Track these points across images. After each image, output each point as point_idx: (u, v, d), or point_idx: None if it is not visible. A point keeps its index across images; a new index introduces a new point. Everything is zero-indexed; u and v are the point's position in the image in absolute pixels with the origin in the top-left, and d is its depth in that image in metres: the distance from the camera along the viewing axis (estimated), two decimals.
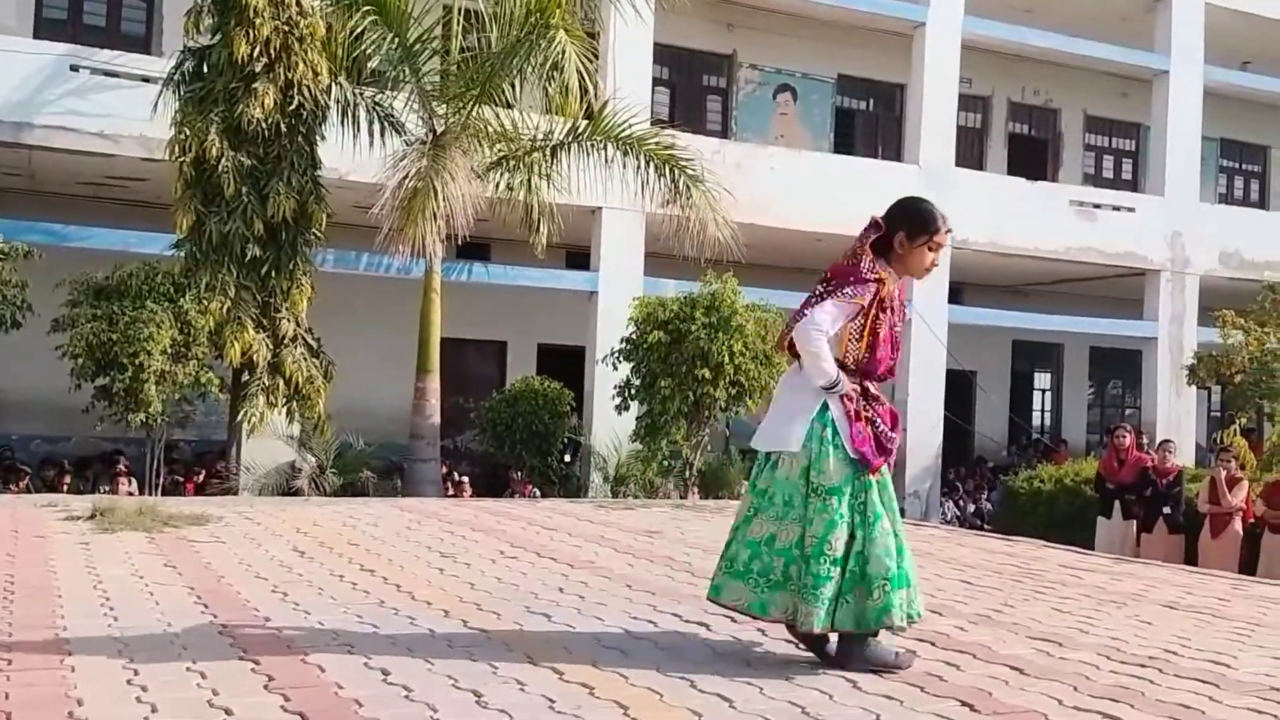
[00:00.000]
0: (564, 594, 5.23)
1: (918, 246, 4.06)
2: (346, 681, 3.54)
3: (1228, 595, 6.13)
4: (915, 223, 4.07)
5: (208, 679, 3.53)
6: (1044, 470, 14.10)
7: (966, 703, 3.55)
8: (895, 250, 4.05)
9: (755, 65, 20.21)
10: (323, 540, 6.85)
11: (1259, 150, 24.68)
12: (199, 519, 7.47)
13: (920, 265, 4.10)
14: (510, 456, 14.24)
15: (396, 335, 14.96)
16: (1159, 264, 19.96)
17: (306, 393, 11.66)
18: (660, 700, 3.47)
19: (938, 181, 18.26)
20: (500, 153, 13.02)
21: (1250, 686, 3.93)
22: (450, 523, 8.00)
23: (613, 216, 15.84)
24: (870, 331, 3.97)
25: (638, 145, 12.88)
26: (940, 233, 4.08)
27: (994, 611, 5.22)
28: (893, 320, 4.04)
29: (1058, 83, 21.88)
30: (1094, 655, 4.32)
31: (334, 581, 5.40)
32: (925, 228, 4.06)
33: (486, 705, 3.35)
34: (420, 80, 12.62)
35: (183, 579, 5.34)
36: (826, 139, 20.64)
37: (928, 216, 4.10)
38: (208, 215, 11.15)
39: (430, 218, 11.34)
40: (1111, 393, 25.15)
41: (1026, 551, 7.75)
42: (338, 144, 12.30)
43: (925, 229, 4.06)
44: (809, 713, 3.39)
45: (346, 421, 13.21)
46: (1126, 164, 23.61)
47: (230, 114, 11.02)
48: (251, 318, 11.38)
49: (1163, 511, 11.10)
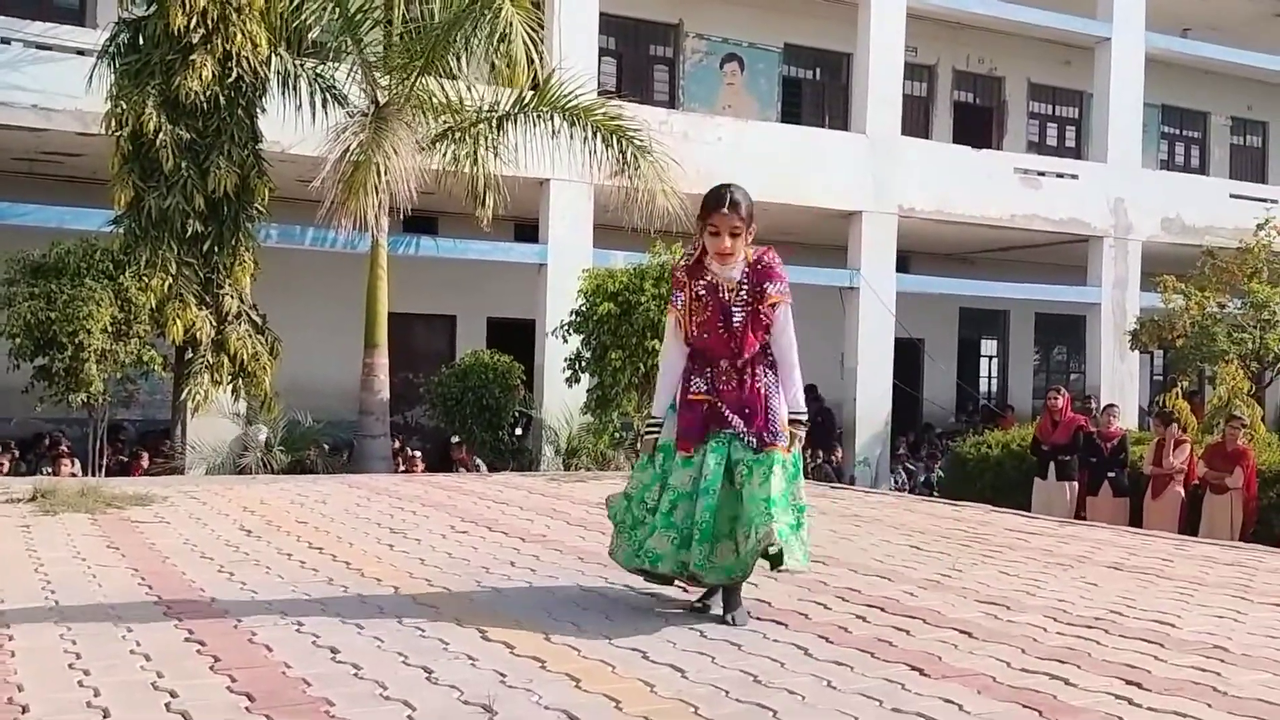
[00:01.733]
0: (515, 568, 5.21)
1: (702, 232, 4.18)
2: (294, 660, 3.50)
3: (1171, 556, 6.24)
4: (701, 208, 4.18)
5: (152, 661, 3.47)
6: (991, 436, 14.25)
7: (916, 667, 3.58)
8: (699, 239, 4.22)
9: (702, 35, 20.14)
10: (270, 519, 6.77)
11: (1199, 116, 25.01)
12: (143, 499, 7.36)
13: (710, 248, 4.16)
14: (460, 431, 14.16)
15: (344, 310, 14.82)
16: (1102, 230, 20.21)
17: (252, 370, 11.52)
18: (612, 672, 3.46)
19: (884, 150, 18.38)
20: (445, 124, 12.87)
21: (1194, 645, 4.00)
22: (400, 498, 7.95)
23: (560, 188, 15.75)
24: (686, 330, 4.24)
25: (585, 116, 12.79)
26: (714, 214, 4.10)
27: (942, 576, 5.27)
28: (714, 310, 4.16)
29: (1002, 51, 22.02)
30: (1041, 617, 4.38)
31: (282, 560, 5.34)
32: (702, 212, 4.16)
33: (437, 681, 3.33)
34: (362, 51, 12.43)
35: (126, 560, 5.26)
36: (774, 108, 20.64)
37: (705, 201, 4.17)
38: (146, 190, 10.94)
39: (373, 191, 11.21)
40: (1056, 358, 25.49)
41: (974, 516, 7.83)
42: (279, 117, 12.10)
43: (702, 213, 4.17)
44: (761, 680, 3.40)
45: (294, 398, 13.07)
46: (1070, 131, 23.85)
47: (168, 86, 10.81)
48: (194, 294, 11.21)
49: (1108, 475, 11.26)
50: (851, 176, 18.08)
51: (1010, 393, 24.09)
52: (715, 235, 4.11)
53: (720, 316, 4.16)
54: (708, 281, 4.18)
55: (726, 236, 4.09)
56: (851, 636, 3.98)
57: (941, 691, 3.32)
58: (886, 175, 18.34)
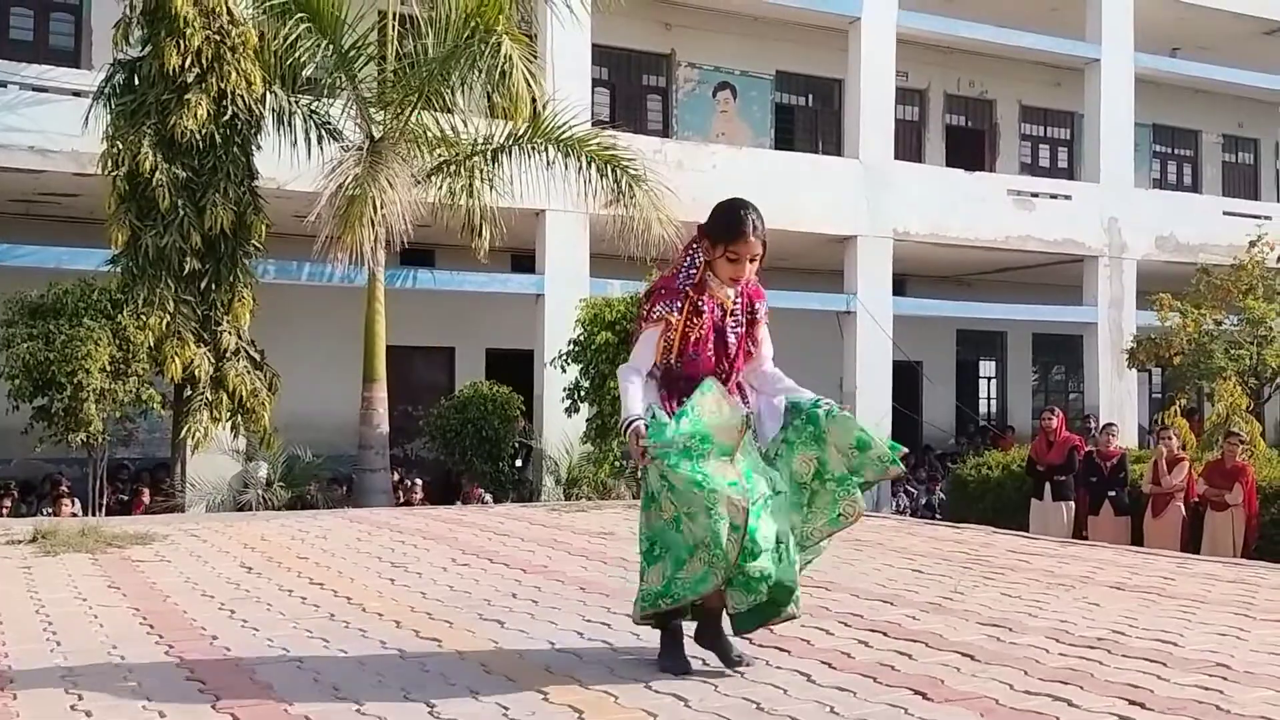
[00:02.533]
0: (517, 600, 5.20)
1: (717, 256, 3.86)
2: (296, 697, 3.49)
3: (1172, 574, 6.23)
4: (717, 229, 3.87)
5: (154, 701, 3.46)
6: (991, 457, 14.24)
7: (919, 691, 3.57)
8: (706, 257, 3.90)
9: (694, 64, 20.27)
10: (271, 555, 6.76)
11: (1190, 135, 25.13)
12: (143, 538, 7.35)
13: (723, 273, 3.88)
14: (461, 463, 14.15)
15: (342, 345, 14.83)
16: (1097, 250, 20.26)
17: (251, 406, 11.52)
18: (615, 703, 3.46)
19: (878, 174, 18.46)
20: (440, 158, 12.94)
21: (1196, 663, 3.99)
22: (401, 532, 7.94)
23: (556, 218, 15.80)
24: (679, 343, 3.87)
25: (579, 146, 12.86)
26: (741, 242, 3.81)
27: (944, 599, 5.27)
28: (711, 323, 3.89)
29: (992, 74, 22.14)
30: (1043, 639, 4.37)
31: (283, 597, 5.33)
32: (724, 236, 3.84)
33: (439, 715, 3.32)
34: (357, 87, 12.51)
35: (127, 600, 5.25)
36: (767, 135, 20.74)
37: (723, 223, 3.86)
38: (143, 229, 10.99)
39: (369, 225, 11.26)
40: (1055, 378, 25.49)
41: (975, 538, 7.82)
42: (274, 153, 12.16)
43: (724, 238, 3.84)
44: (764, 708, 3.40)
45: (294, 434, 13.07)
46: (1062, 152, 23.95)
47: (163, 126, 10.88)
48: (192, 332, 11.23)
49: (1108, 494, 11.25)
50: (846, 201, 18.15)
51: (1010, 413, 24.09)
52: (734, 262, 3.83)
53: (713, 335, 3.91)
54: (707, 299, 3.91)
55: (746, 263, 3.85)
56: (854, 662, 3.98)
57: (945, 715, 3.31)
58: (880, 199, 18.40)
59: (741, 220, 3.82)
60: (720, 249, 3.83)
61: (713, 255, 3.86)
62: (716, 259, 3.86)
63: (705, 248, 3.88)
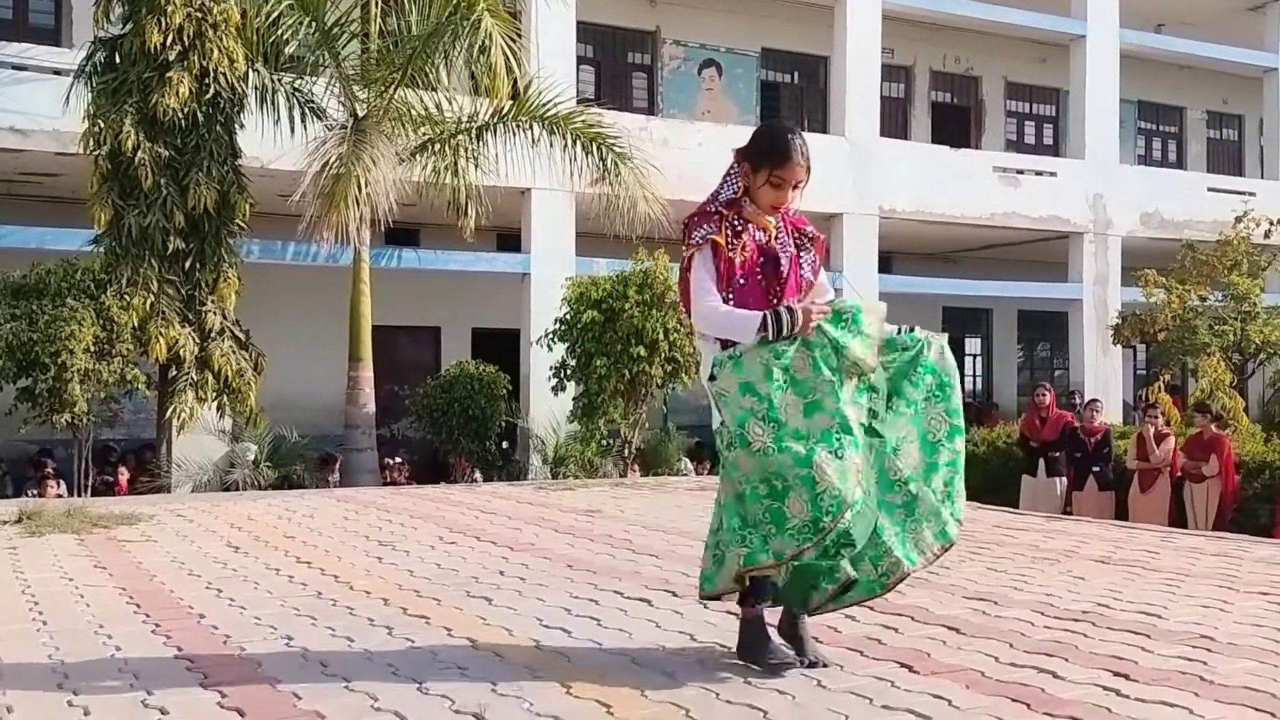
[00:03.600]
0: (504, 577, 5.21)
1: (761, 182, 3.58)
2: (284, 674, 3.50)
3: (1157, 548, 6.27)
4: (759, 152, 3.60)
5: (141, 679, 3.46)
6: (977, 433, 14.29)
7: (905, 664, 3.59)
8: (744, 181, 3.62)
9: (679, 41, 20.19)
10: (258, 535, 6.75)
11: (1175, 111, 25.17)
12: (129, 519, 7.33)
13: (764, 200, 3.61)
14: (448, 442, 14.15)
15: (327, 324, 14.79)
16: (1082, 226, 20.30)
17: (236, 386, 11.48)
18: (603, 677, 3.47)
19: (864, 152, 18.44)
20: (425, 136, 12.89)
21: (1180, 635, 4.02)
22: (388, 511, 7.94)
23: (542, 197, 15.75)
24: (724, 271, 3.53)
25: (564, 124, 12.82)
26: (788, 166, 3.54)
27: (930, 574, 5.27)
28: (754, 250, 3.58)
29: (978, 51, 22.12)
30: (1028, 612, 4.40)
31: (270, 576, 5.33)
32: (768, 160, 3.57)
33: (428, 692, 3.33)
34: (340, 65, 12.44)
35: (114, 580, 5.24)
36: (753, 112, 20.68)
37: (770, 146, 3.59)
38: (126, 209, 10.91)
39: (353, 204, 11.22)
40: (1040, 355, 25.58)
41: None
42: (258, 132, 12.09)
43: (768, 162, 3.56)
44: (751, 682, 3.41)
45: (280, 414, 13.04)
46: (1048, 129, 23.96)
47: (145, 104, 10.79)
48: (176, 312, 11.17)
49: (1092, 470, 11.31)
50: (832, 179, 18.10)
51: (995, 390, 24.17)
52: (779, 188, 3.57)
53: (760, 258, 3.58)
54: (742, 218, 3.61)
55: (789, 189, 3.60)
56: (841, 636, 3.99)
57: (931, 688, 3.33)
58: (867, 177, 18.39)
59: (789, 143, 3.57)
60: (764, 174, 3.57)
61: (754, 181, 3.59)
62: (758, 186, 3.59)
63: (745, 172, 3.61)
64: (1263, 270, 16.95)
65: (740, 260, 3.55)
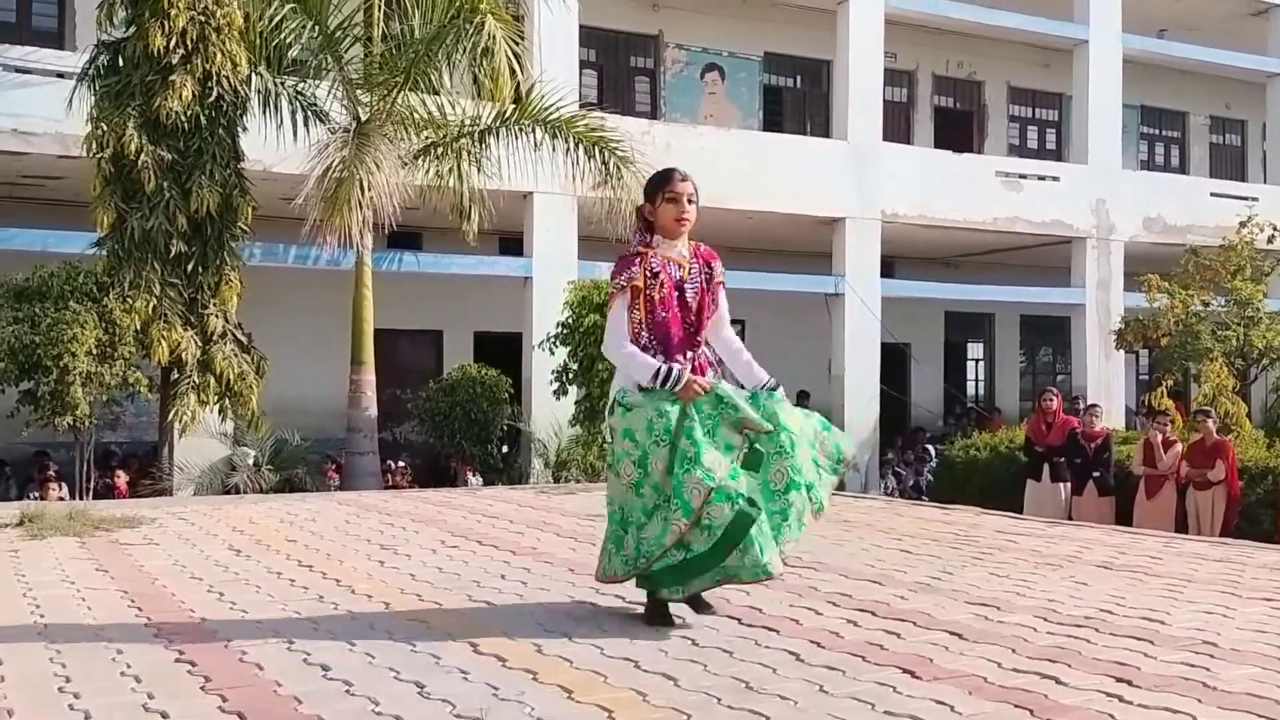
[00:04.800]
0: (506, 581, 5.21)
1: (659, 205, 4.22)
2: (285, 678, 3.49)
3: (1159, 553, 6.26)
4: (651, 186, 4.30)
5: (143, 682, 3.46)
6: (979, 438, 14.29)
7: (908, 669, 3.59)
8: (651, 221, 4.25)
9: (682, 45, 20.21)
10: (259, 538, 6.75)
11: (1178, 116, 25.17)
12: (131, 521, 7.33)
13: (669, 221, 4.21)
14: (450, 446, 14.15)
15: (329, 328, 14.79)
16: (1084, 231, 20.30)
17: (238, 389, 11.48)
18: (605, 682, 3.46)
19: (866, 156, 18.45)
20: (428, 139, 12.89)
21: (1183, 642, 4.01)
22: (390, 515, 7.93)
23: (544, 201, 15.77)
24: (644, 307, 4.18)
25: (567, 128, 12.83)
26: (674, 183, 4.21)
27: (933, 579, 5.28)
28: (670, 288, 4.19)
29: (981, 55, 22.13)
30: (1031, 617, 4.39)
31: (271, 579, 5.33)
32: (658, 186, 4.25)
33: (429, 695, 3.32)
34: (343, 68, 12.45)
35: (115, 583, 5.24)
36: (755, 117, 20.71)
37: (658, 177, 4.32)
38: (129, 212, 10.91)
39: (356, 207, 11.23)
40: (1043, 360, 25.57)
41: (963, 519, 7.85)
42: (260, 135, 12.09)
43: (659, 187, 4.25)
44: (753, 687, 3.40)
45: (281, 417, 13.05)
46: (1050, 134, 23.97)
47: (148, 108, 10.79)
48: (179, 315, 11.17)
49: (1093, 475, 11.29)
50: (834, 183, 18.14)
51: (997, 395, 24.16)
52: (674, 202, 4.20)
53: (675, 292, 4.21)
54: (661, 260, 4.23)
55: (686, 201, 4.20)
56: (843, 641, 3.99)
57: (933, 693, 3.33)
58: (869, 181, 18.40)
59: (668, 171, 4.30)
60: (659, 198, 4.21)
61: (657, 214, 4.23)
62: (660, 215, 4.22)
63: (648, 211, 4.25)
64: (1266, 275, 16.93)
65: (659, 297, 4.18)
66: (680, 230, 4.24)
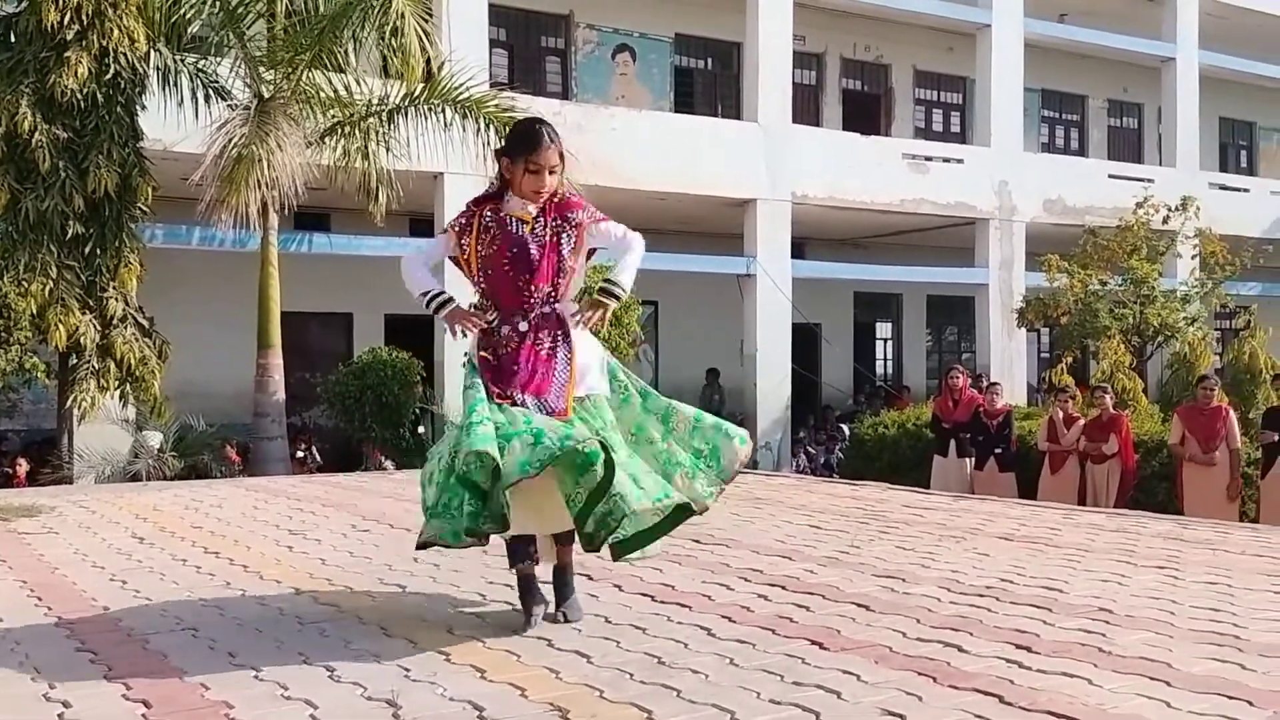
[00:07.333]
0: (418, 564, 5.17)
1: (520, 173, 3.90)
2: (191, 665, 3.44)
3: (1059, 524, 6.45)
4: (513, 146, 3.98)
5: (43, 673, 3.38)
6: (888, 416, 14.53)
7: (816, 641, 3.65)
8: (507, 175, 3.96)
9: (593, 25, 20.12)
10: (164, 525, 6.62)
11: (1078, 100, 25.74)
12: (30, 510, 7.14)
13: (526, 191, 3.90)
14: (361, 430, 13.99)
15: (236, 311, 14.49)
16: (987, 213, 20.69)
17: (140, 374, 11.20)
18: (518, 661, 3.47)
19: (776, 138, 18.57)
20: (334, 119, 12.67)
21: (1080, 609, 4.14)
22: (299, 500, 7.83)
23: (455, 182, 15.57)
24: (474, 264, 3.92)
25: (477, 108, 12.70)
26: (539, 153, 3.86)
27: (841, 553, 5.38)
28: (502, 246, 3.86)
29: (887, 39, 22.39)
30: (935, 588, 4.50)
31: (176, 566, 5.23)
32: (521, 150, 3.91)
33: (339, 679, 3.30)
34: (245, 45, 12.17)
35: (13, 572, 5.10)
36: (667, 98, 20.71)
37: (523, 139, 3.95)
38: (23, 193, 10.56)
39: (255, 186, 11.00)
40: (948, 339, 26.05)
41: (872, 494, 8.00)
42: (160, 114, 11.77)
43: (521, 151, 3.91)
44: (665, 662, 3.44)
45: (187, 402, 12.78)
46: (955, 117, 24.35)
47: (42, 85, 10.45)
48: (76, 298, 10.86)
49: (994, 451, 11.54)
50: (745, 165, 18.23)
51: (905, 373, 24.57)
52: (535, 174, 3.86)
53: (510, 249, 3.86)
54: (497, 213, 3.93)
55: (547, 174, 3.88)
56: (753, 615, 4.05)
57: (840, 664, 3.39)
58: (779, 163, 18.53)
59: (537, 132, 3.93)
60: (521, 165, 3.90)
61: (515, 174, 3.91)
62: (519, 178, 3.90)
63: (506, 166, 3.96)
64: (1161, 255, 17.42)
65: (488, 253, 3.90)
66: (537, 200, 3.91)
